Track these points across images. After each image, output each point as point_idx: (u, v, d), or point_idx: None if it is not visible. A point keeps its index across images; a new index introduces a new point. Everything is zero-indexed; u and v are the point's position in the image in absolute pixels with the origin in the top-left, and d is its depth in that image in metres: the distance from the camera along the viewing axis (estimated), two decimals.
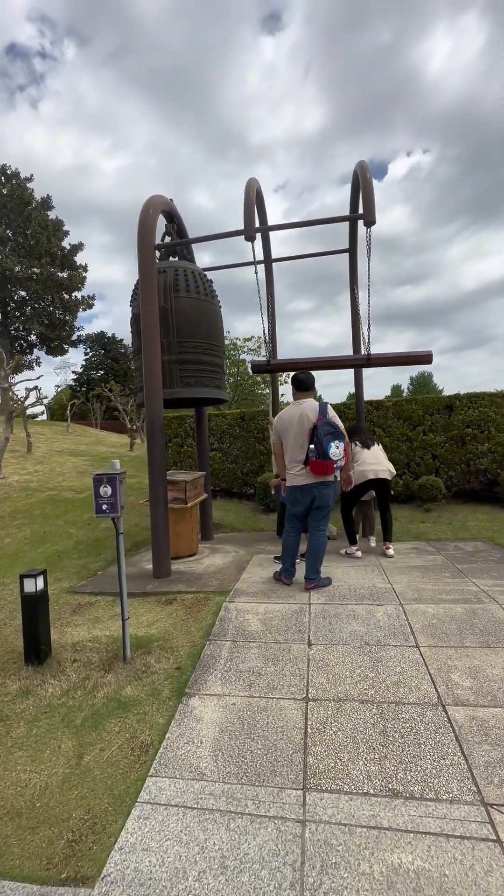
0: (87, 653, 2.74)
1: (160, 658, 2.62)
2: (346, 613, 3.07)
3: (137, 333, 4.63)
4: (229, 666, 2.52)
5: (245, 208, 3.94)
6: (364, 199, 3.79)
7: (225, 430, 7.50)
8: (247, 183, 4.18)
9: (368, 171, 3.91)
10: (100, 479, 2.43)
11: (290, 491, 3.56)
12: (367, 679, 2.32)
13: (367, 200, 3.77)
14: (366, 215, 3.75)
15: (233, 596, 3.51)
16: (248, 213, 3.90)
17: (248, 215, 3.89)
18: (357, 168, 4.11)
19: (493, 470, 6.62)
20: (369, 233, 3.85)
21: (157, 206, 4.38)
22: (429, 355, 4.05)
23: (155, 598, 3.65)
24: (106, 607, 3.55)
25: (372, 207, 3.75)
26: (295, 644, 2.72)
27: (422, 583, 3.61)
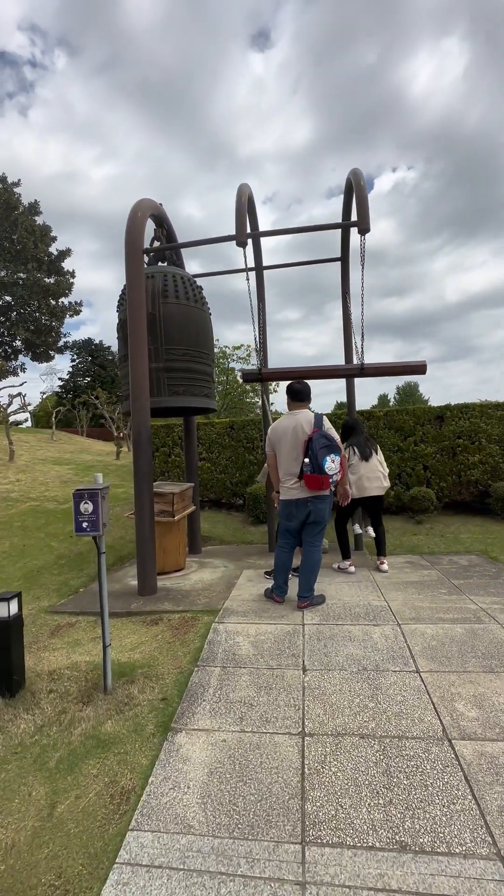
0: (65, 682, 2.54)
1: (144, 687, 2.43)
2: (342, 635, 2.92)
3: (124, 339, 4.47)
4: (219, 695, 2.34)
5: (237, 213, 3.84)
6: (358, 207, 3.72)
7: (214, 440, 7.35)
8: (238, 188, 4.09)
9: (363, 178, 3.85)
10: (80, 495, 2.25)
11: (283, 505, 3.41)
12: (366, 710, 2.17)
13: (362, 208, 3.70)
14: (360, 223, 3.68)
15: (222, 616, 3.33)
16: (240, 219, 3.80)
17: (240, 220, 3.79)
18: (350, 175, 4.05)
19: (483, 481, 6.58)
20: (363, 241, 3.78)
21: (146, 210, 4.26)
22: (423, 365, 3.98)
23: (140, 618, 3.46)
24: (87, 629, 3.34)
25: (366, 215, 3.68)
26: (289, 670, 2.56)
27: (418, 600, 3.48)
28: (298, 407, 3.47)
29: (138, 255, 4.03)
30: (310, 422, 3.34)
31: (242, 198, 3.94)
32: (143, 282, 4.01)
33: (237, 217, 3.82)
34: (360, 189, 3.79)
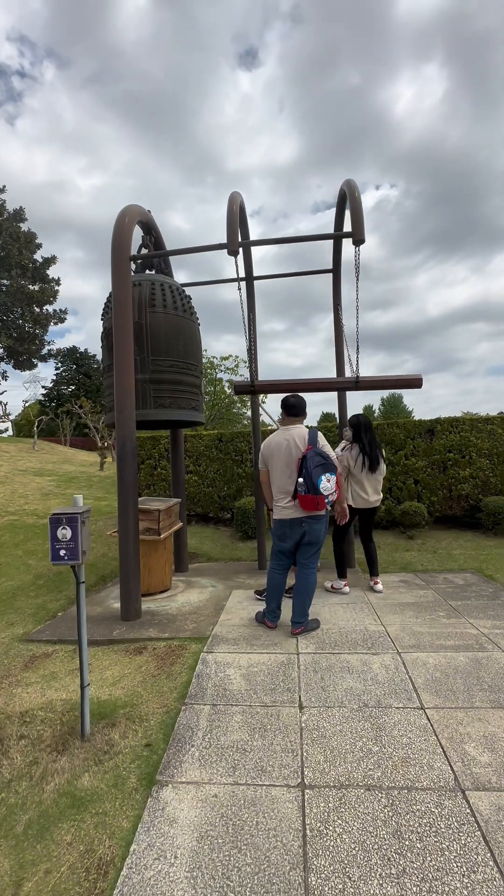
0: (38, 726, 2.29)
1: (126, 731, 2.21)
2: (340, 665, 2.75)
3: (109, 349, 4.28)
4: (209, 740, 2.14)
5: (228, 221, 3.72)
6: (353, 217, 3.64)
7: (201, 452, 7.16)
8: (230, 196, 3.97)
9: (357, 189, 3.77)
10: (58, 520, 2.05)
11: (277, 524, 3.24)
12: (370, 755, 1.99)
13: (356, 218, 3.61)
14: (355, 233, 3.59)
15: (211, 644, 3.12)
16: (232, 227, 3.68)
17: (232, 229, 3.67)
18: (344, 186, 3.98)
19: (474, 496, 6.53)
20: (358, 251, 3.69)
21: (134, 216, 4.11)
22: (418, 379, 3.89)
23: (122, 646, 3.22)
24: (65, 659, 3.09)
25: (361, 225, 3.59)
26: (284, 707, 2.36)
27: (417, 624, 3.33)
28: (292, 422, 3.32)
29: (125, 261, 3.86)
30: (303, 438, 3.20)
31: (234, 206, 3.83)
32: (129, 289, 3.84)
33: (229, 225, 3.70)
34: (354, 200, 3.71)
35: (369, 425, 4.11)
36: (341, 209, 4.54)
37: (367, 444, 4.03)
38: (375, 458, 4.06)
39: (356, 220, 3.63)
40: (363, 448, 4.01)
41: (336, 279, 5.24)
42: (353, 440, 4.07)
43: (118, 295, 3.82)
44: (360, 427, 4.06)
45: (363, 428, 4.06)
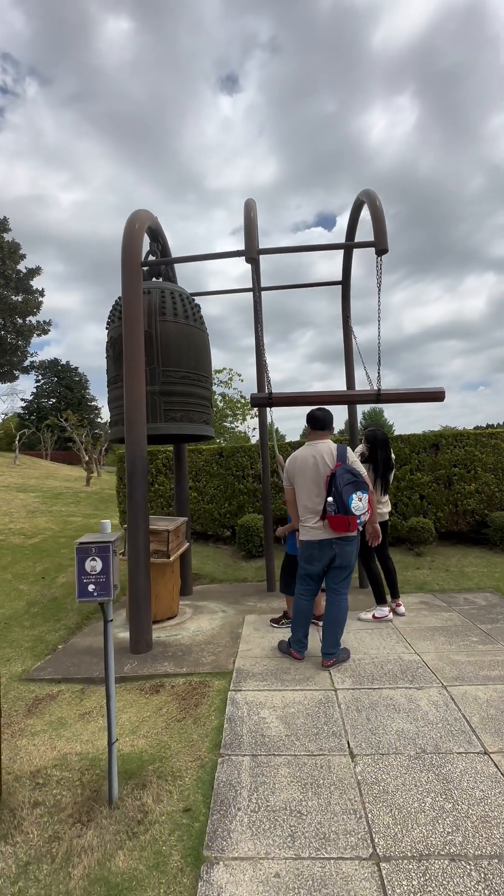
0: (54, 789, 1.98)
1: (160, 793, 1.92)
2: (384, 703, 2.51)
3: (116, 359, 4.04)
4: (256, 800, 1.87)
5: (246, 227, 3.57)
6: (375, 227, 3.53)
7: (201, 467, 6.90)
8: (245, 203, 3.84)
9: (377, 198, 3.68)
10: (86, 550, 1.78)
11: (305, 546, 3.02)
12: (444, 814, 1.76)
13: (379, 228, 3.51)
14: (378, 243, 3.48)
15: (237, 680, 2.85)
16: (251, 233, 3.53)
17: (251, 235, 3.52)
18: (363, 197, 3.89)
19: (480, 511, 6.44)
20: (380, 262, 3.58)
21: (144, 222, 3.92)
22: (441, 392, 3.77)
23: (136, 684, 2.92)
24: (72, 701, 2.77)
25: (384, 235, 3.49)
26: (334, 756, 2.12)
27: (453, 652, 3.13)
28: (319, 436, 3.13)
29: (136, 268, 3.66)
30: (331, 453, 3.01)
31: (252, 212, 3.69)
32: (140, 297, 3.63)
33: (247, 231, 3.55)
34: (375, 209, 3.61)
35: (386, 443, 3.93)
36: (354, 219, 4.45)
37: (382, 465, 3.87)
38: (387, 483, 3.91)
39: (379, 229, 3.53)
40: (376, 469, 3.85)
41: (345, 291, 5.14)
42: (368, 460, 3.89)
43: (129, 302, 3.60)
44: (376, 444, 3.89)
45: (380, 445, 3.90)
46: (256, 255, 3.52)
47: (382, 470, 3.87)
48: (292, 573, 3.61)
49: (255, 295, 5.12)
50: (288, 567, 3.76)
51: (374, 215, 3.60)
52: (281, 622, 3.80)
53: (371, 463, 3.87)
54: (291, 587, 3.56)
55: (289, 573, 3.72)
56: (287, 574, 3.76)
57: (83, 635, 3.82)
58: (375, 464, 3.87)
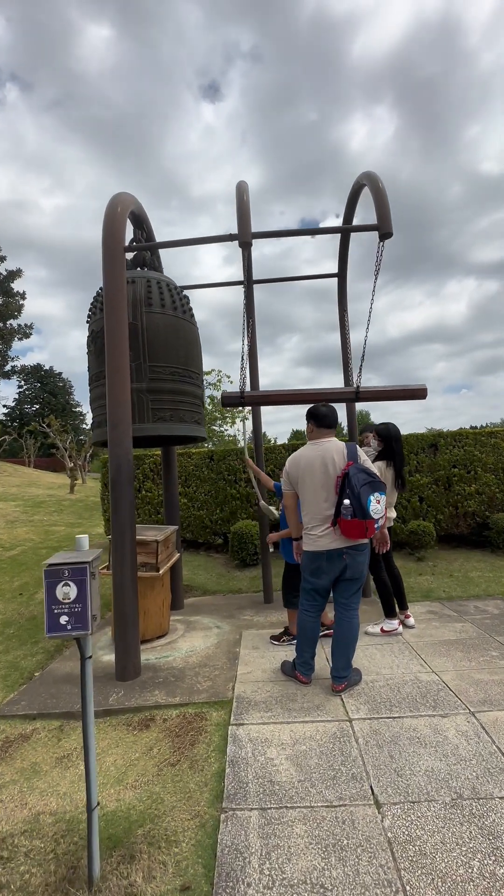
0: (21, 864, 1.62)
1: (151, 867, 1.58)
2: (407, 736, 2.21)
3: (97, 354, 3.70)
4: (269, 871, 1.54)
5: (238, 211, 3.27)
6: (378, 211, 3.27)
7: (191, 472, 6.55)
8: (238, 185, 3.55)
9: (380, 181, 3.43)
10: (56, 573, 1.45)
11: (310, 558, 2.71)
12: (497, 884, 1.46)
13: (382, 211, 3.25)
14: (382, 226, 3.22)
15: (238, 711, 2.51)
16: (244, 216, 3.23)
17: (244, 218, 3.22)
18: (364, 179, 3.63)
19: (481, 513, 6.23)
20: (381, 247, 3.32)
21: (127, 205, 3.60)
22: (423, 389, 3.52)
23: (123, 718, 2.57)
24: (49, 742, 2.40)
25: (388, 218, 3.23)
26: (357, 806, 1.80)
27: (474, 670, 2.85)
28: (324, 434, 2.83)
29: (118, 254, 3.33)
30: (341, 452, 2.71)
31: (244, 195, 3.40)
32: (123, 286, 3.30)
33: (240, 215, 3.25)
34: (378, 191, 3.35)
35: (400, 437, 3.68)
36: (353, 205, 4.19)
37: (399, 459, 3.60)
38: (404, 479, 3.64)
39: (382, 212, 3.27)
40: (396, 464, 3.57)
41: (342, 284, 4.88)
42: (384, 455, 3.61)
43: (110, 291, 3.27)
44: (391, 439, 3.62)
45: (394, 440, 3.62)
46: (250, 240, 3.22)
47: (399, 465, 3.60)
48: (294, 585, 3.30)
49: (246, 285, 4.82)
50: (289, 578, 3.45)
51: (377, 198, 3.34)
52: (282, 639, 3.48)
53: (389, 459, 3.60)
54: (295, 600, 3.25)
55: (290, 585, 3.41)
56: (288, 586, 3.45)
57: (63, 659, 3.44)
58: (393, 458, 3.60)
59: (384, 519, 2.62)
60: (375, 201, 3.34)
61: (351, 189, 4.09)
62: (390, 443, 3.60)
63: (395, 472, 3.57)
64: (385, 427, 3.64)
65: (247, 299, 4.95)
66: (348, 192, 4.14)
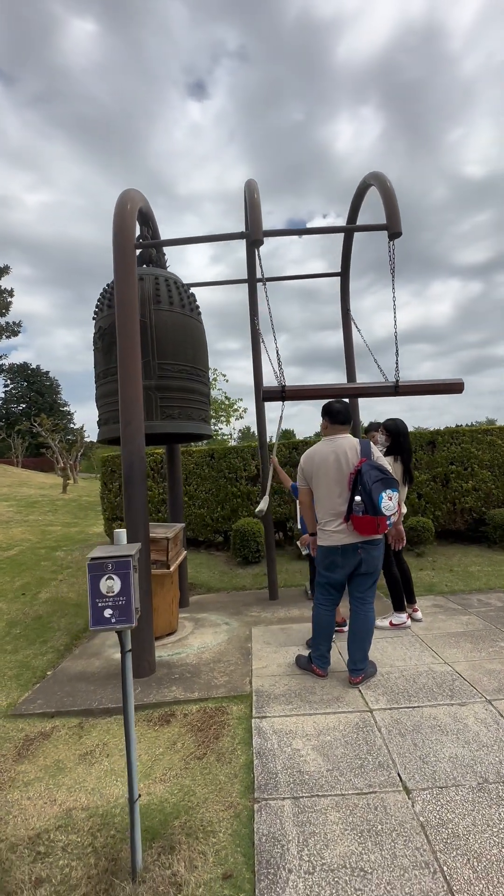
0: (61, 859, 1.63)
1: (192, 857, 1.59)
2: (428, 724, 2.26)
3: (105, 351, 3.69)
4: (309, 857, 1.57)
5: (251, 209, 3.30)
6: (388, 210, 3.32)
7: (192, 470, 6.55)
8: (247, 183, 3.58)
9: (388, 180, 3.48)
10: (100, 566, 1.46)
11: (325, 552, 2.74)
12: None
13: (391, 211, 3.31)
14: (391, 226, 3.27)
15: (259, 705, 2.54)
16: (255, 214, 3.25)
17: (255, 216, 3.24)
18: (371, 179, 3.68)
19: (478, 509, 6.36)
20: (392, 246, 3.37)
21: (136, 202, 3.59)
22: (460, 383, 3.59)
23: (143, 714, 2.57)
24: (70, 739, 2.40)
25: (397, 218, 3.29)
26: (387, 793, 1.84)
27: (485, 660, 2.92)
28: (338, 431, 2.87)
29: (129, 250, 3.32)
30: (355, 449, 2.75)
31: (255, 193, 3.42)
32: (135, 281, 3.29)
33: (252, 212, 3.28)
34: (387, 191, 3.40)
35: (407, 433, 3.73)
36: (357, 204, 4.24)
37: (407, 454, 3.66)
38: (412, 472, 3.70)
39: (391, 212, 3.32)
40: (404, 459, 3.62)
41: (345, 282, 4.93)
42: (392, 450, 3.66)
43: (122, 288, 3.26)
44: (399, 435, 3.66)
45: (402, 436, 3.68)
46: (261, 238, 3.24)
47: (407, 460, 3.65)
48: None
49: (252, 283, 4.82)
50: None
51: (386, 197, 3.39)
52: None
53: (397, 454, 3.64)
54: None
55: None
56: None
57: (74, 658, 3.42)
58: (401, 454, 3.64)
59: (397, 515, 2.66)
60: (384, 201, 3.39)
61: (356, 189, 4.14)
62: (398, 438, 3.65)
63: (402, 467, 3.62)
64: (394, 423, 3.69)
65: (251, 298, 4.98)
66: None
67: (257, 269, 4.25)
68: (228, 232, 3.53)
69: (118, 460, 6.81)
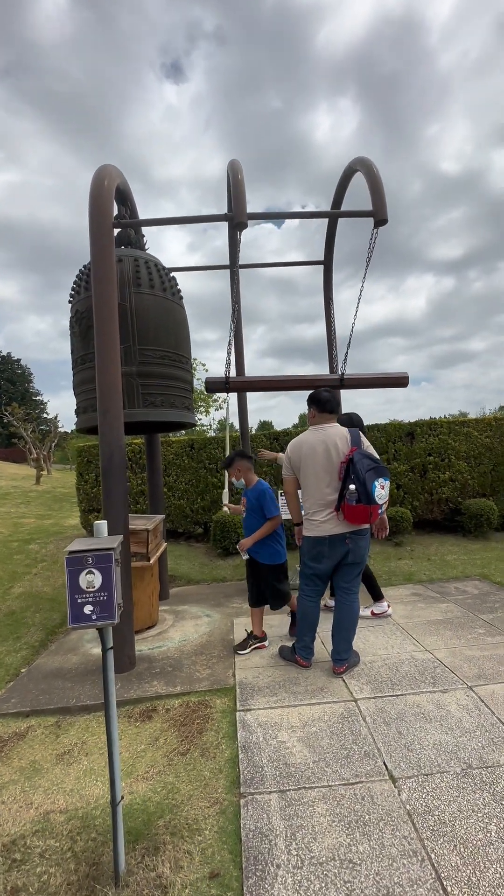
0: (38, 865, 1.55)
1: (178, 857, 1.55)
2: (412, 712, 2.27)
3: (82, 336, 3.53)
4: (297, 851, 1.55)
5: (233, 191, 3.18)
6: (374, 197, 3.27)
7: (171, 461, 6.43)
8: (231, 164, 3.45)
9: (374, 166, 3.42)
10: (79, 560, 1.37)
11: (312, 543, 2.71)
12: None
13: (378, 198, 3.25)
14: (377, 213, 3.22)
15: (243, 697, 2.50)
16: (239, 197, 3.14)
17: (240, 198, 3.13)
18: (357, 165, 3.61)
19: (454, 499, 6.49)
20: (375, 234, 3.33)
21: (114, 179, 3.41)
22: (404, 377, 3.62)
23: (123, 710, 2.50)
24: (46, 739, 2.31)
25: (383, 205, 3.24)
26: (374, 782, 1.84)
27: (465, 647, 2.97)
28: (326, 419, 2.83)
29: (107, 228, 3.16)
30: (344, 438, 2.72)
31: (238, 174, 3.30)
32: (113, 262, 3.14)
33: (235, 195, 3.16)
34: (373, 177, 3.34)
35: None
36: (342, 190, 4.18)
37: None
38: None
39: (378, 199, 3.27)
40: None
41: (327, 271, 4.88)
42: None
43: (99, 269, 3.10)
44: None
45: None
46: (245, 220, 3.13)
47: None
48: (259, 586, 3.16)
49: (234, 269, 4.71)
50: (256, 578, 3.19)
51: (372, 184, 3.33)
52: (248, 644, 3.11)
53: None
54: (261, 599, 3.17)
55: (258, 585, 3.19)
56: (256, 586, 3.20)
57: (50, 654, 3.31)
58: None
59: (386, 504, 2.66)
60: (370, 188, 3.33)
61: (342, 174, 4.06)
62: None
63: None
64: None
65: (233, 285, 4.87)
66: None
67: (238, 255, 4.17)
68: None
69: (94, 451, 6.63)
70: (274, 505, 3.05)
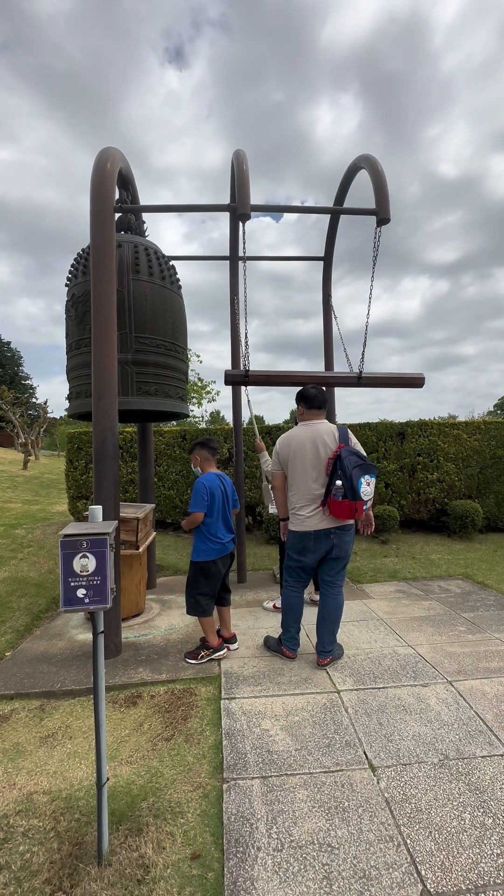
0: (21, 844, 1.56)
1: (160, 838, 1.57)
2: (393, 704, 2.33)
3: (78, 321, 3.49)
4: (277, 835, 1.59)
5: (238, 181, 3.17)
6: (377, 195, 3.28)
7: (162, 451, 6.41)
8: (235, 154, 3.42)
9: (379, 164, 3.42)
10: (74, 543, 1.37)
11: (297, 538, 2.74)
12: (487, 832, 1.58)
13: (381, 196, 3.26)
14: (380, 212, 3.23)
15: (228, 686, 2.54)
16: (243, 187, 3.13)
17: (243, 189, 3.12)
18: (362, 163, 3.61)
19: (440, 499, 6.59)
20: (378, 233, 3.34)
21: (116, 162, 3.37)
22: (421, 378, 3.66)
23: (109, 695, 2.51)
24: (30, 722, 2.31)
25: (387, 204, 3.25)
26: (354, 771, 1.88)
27: (446, 643, 3.04)
28: (315, 416, 2.85)
29: (108, 212, 3.13)
30: (332, 434, 2.74)
31: (243, 164, 3.28)
32: (112, 247, 3.11)
33: (239, 185, 3.14)
34: (377, 176, 3.35)
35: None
36: (346, 187, 4.17)
37: None
38: None
39: (381, 197, 3.27)
40: None
41: (327, 268, 4.88)
42: None
43: (99, 252, 3.07)
44: None
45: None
46: (249, 212, 3.12)
47: None
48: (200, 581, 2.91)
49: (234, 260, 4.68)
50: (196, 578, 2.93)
51: (376, 182, 3.34)
52: (200, 655, 2.83)
53: None
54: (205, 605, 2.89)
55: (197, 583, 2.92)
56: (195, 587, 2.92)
57: (35, 639, 3.30)
58: None
59: (372, 501, 2.69)
60: (375, 186, 3.34)
61: (346, 170, 4.06)
62: None
63: None
64: None
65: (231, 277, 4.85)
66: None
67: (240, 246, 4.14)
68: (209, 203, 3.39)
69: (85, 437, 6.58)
70: (198, 501, 2.82)
